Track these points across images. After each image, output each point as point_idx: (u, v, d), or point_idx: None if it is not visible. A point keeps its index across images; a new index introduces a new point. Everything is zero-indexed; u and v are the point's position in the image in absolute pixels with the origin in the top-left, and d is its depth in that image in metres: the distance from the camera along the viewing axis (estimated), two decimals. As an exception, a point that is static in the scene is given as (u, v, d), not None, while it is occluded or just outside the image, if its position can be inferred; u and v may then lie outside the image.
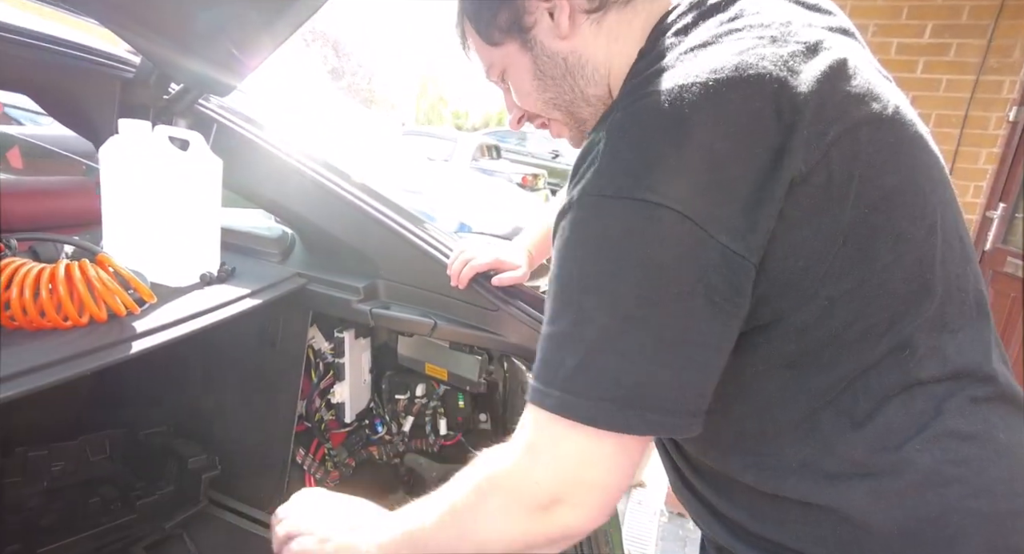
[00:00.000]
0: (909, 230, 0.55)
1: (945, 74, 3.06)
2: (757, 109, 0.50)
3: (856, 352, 0.56)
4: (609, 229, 0.51)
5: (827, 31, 0.60)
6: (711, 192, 0.49)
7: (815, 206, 0.51)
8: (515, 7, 0.65)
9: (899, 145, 0.56)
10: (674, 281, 0.49)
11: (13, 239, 0.88)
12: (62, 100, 1.24)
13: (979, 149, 3.09)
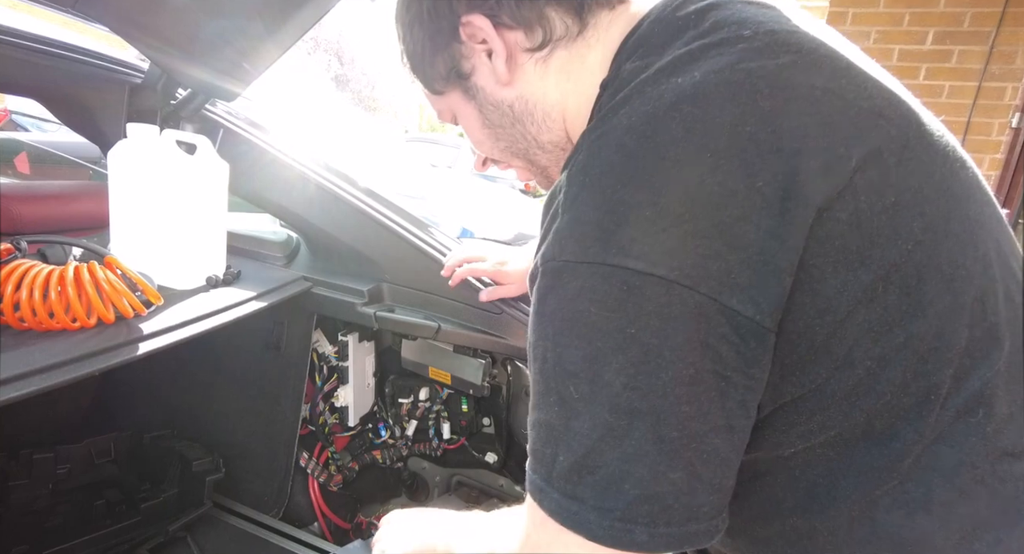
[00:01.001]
0: (962, 264, 0.45)
1: (947, 81, 3.07)
2: (750, 134, 0.40)
3: (916, 420, 0.45)
4: (579, 304, 0.42)
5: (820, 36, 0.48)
6: (703, 244, 0.40)
7: (844, 247, 0.41)
8: (450, 53, 0.59)
9: (932, 165, 0.46)
10: (669, 365, 0.40)
11: (23, 241, 0.89)
12: (71, 105, 1.26)
13: (982, 155, 3.10)
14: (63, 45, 1.14)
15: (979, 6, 2.95)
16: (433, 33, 0.58)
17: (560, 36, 0.55)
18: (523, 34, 0.55)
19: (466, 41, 0.57)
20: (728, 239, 0.39)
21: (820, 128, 0.42)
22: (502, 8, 0.54)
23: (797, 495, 0.49)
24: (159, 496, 1.26)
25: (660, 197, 0.40)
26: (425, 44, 0.60)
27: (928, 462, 0.46)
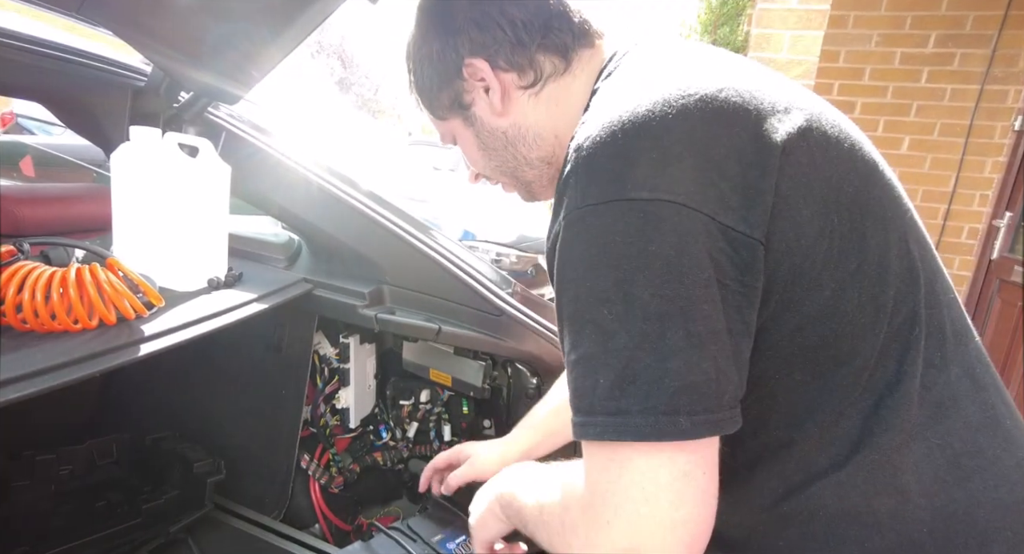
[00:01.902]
0: (889, 207, 0.56)
1: (949, 84, 3.07)
2: (724, 97, 0.51)
3: (871, 338, 0.53)
4: (607, 236, 0.48)
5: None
6: (700, 175, 0.48)
7: (807, 184, 0.51)
8: (454, 88, 0.70)
9: (850, 137, 0.58)
10: (688, 271, 0.47)
11: (26, 243, 0.89)
12: (75, 108, 1.27)
13: (984, 158, 3.09)
14: (67, 49, 1.15)
15: (981, 9, 2.95)
16: (440, 71, 0.69)
17: (549, 74, 0.67)
18: (516, 75, 0.67)
19: (468, 79, 0.68)
20: (720, 171, 0.49)
21: (772, 91, 0.54)
22: (499, 54, 0.66)
23: (780, 413, 0.56)
24: (160, 498, 1.26)
25: (661, 142, 0.49)
26: (433, 79, 0.71)
27: (880, 376, 0.54)
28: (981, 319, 3.07)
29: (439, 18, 0.68)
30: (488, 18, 0.65)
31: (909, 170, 3.21)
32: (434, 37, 0.69)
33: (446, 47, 0.68)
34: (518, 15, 0.65)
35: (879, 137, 3.22)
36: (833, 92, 3.22)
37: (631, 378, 0.47)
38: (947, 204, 3.19)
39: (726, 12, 4.61)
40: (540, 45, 0.66)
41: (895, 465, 0.54)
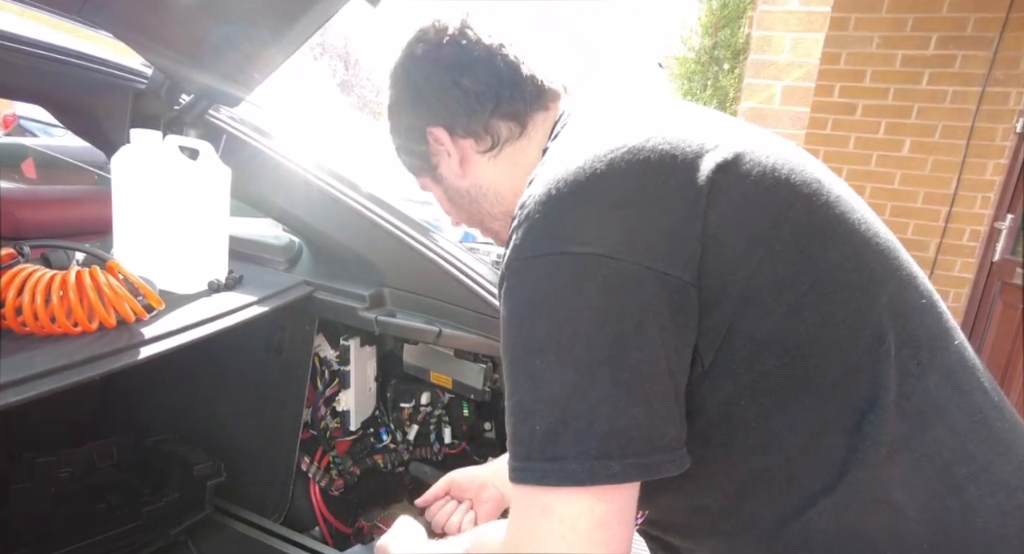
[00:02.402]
0: (839, 223, 0.55)
1: (951, 86, 3.07)
2: (652, 146, 0.53)
3: (833, 355, 0.53)
4: (540, 288, 0.51)
5: None
6: (627, 226, 0.51)
7: (740, 218, 0.52)
8: (421, 150, 0.77)
9: (782, 155, 0.57)
10: (616, 321, 0.49)
11: (26, 246, 0.89)
12: (76, 111, 1.27)
13: (986, 160, 3.09)
14: (68, 51, 1.15)
15: (982, 11, 2.95)
16: (408, 136, 0.77)
17: (506, 138, 0.73)
18: (474, 141, 0.73)
19: (431, 143, 0.75)
20: (646, 220, 0.51)
21: (700, 133, 0.55)
22: (456, 123, 0.72)
23: (757, 440, 0.55)
24: (160, 500, 1.26)
25: (590, 197, 0.52)
26: (404, 141, 0.79)
27: (854, 392, 0.53)
28: (983, 321, 3.06)
29: (405, 89, 0.75)
30: (445, 91, 0.71)
31: (910, 172, 3.21)
32: (401, 105, 0.77)
33: (411, 115, 0.76)
34: (471, 87, 0.70)
35: (880, 139, 3.22)
36: (834, 94, 3.22)
37: (565, 423, 0.49)
38: (948, 206, 3.18)
39: (727, 14, 4.61)
40: (494, 113, 0.71)
41: (884, 481, 0.53)
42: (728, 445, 0.55)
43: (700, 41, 4.85)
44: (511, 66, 0.71)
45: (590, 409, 0.48)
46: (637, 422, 0.49)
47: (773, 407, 0.54)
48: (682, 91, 4.94)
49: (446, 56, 0.71)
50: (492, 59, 0.71)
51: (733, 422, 0.55)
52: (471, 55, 0.71)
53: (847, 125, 3.25)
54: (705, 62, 4.82)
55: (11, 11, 1.12)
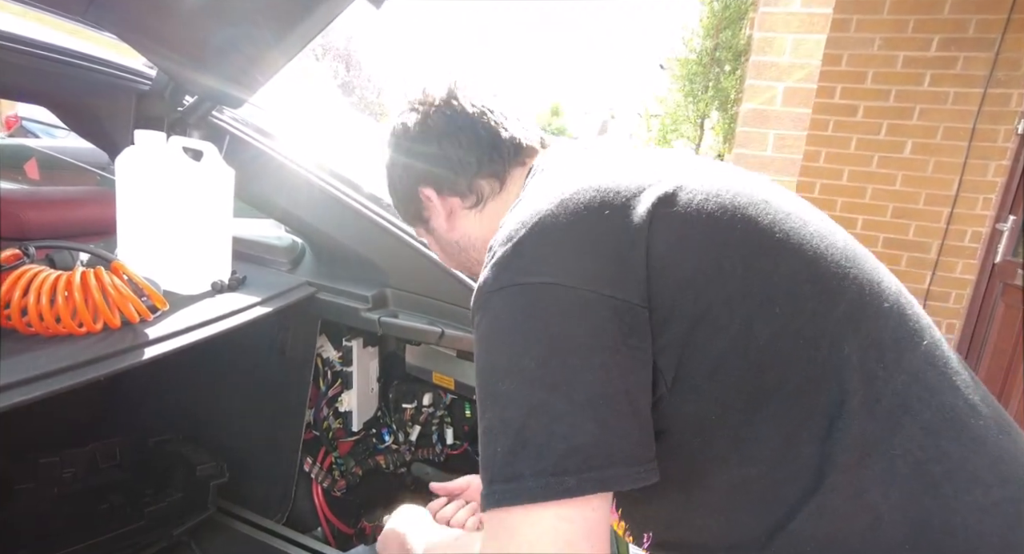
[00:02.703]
0: (791, 235, 0.58)
1: (952, 87, 3.07)
2: (598, 186, 0.59)
3: (795, 364, 0.55)
4: (502, 317, 0.55)
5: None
6: (578, 256, 0.55)
7: (686, 238, 0.56)
8: (415, 206, 0.85)
9: (723, 178, 0.62)
10: (569, 345, 0.52)
11: (31, 247, 0.90)
12: (80, 112, 1.27)
13: (988, 162, 3.09)
14: (72, 53, 1.15)
15: (984, 13, 2.95)
16: (402, 192, 0.86)
17: (488, 194, 0.81)
18: (459, 199, 0.81)
19: (423, 201, 0.83)
20: (595, 250, 0.55)
21: (645, 171, 0.60)
22: (443, 185, 0.81)
23: (733, 451, 0.57)
24: (163, 501, 1.26)
25: (545, 233, 0.57)
26: (399, 197, 0.88)
27: (823, 398, 0.55)
28: (984, 323, 3.06)
29: (398, 152, 0.83)
30: (431, 156, 0.80)
31: (912, 174, 3.21)
32: (395, 165, 0.85)
33: (403, 175, 0.84)
34: (456, 153, 0.79)
35: (882, 140, 3.22)
36: (836, 96, 3.22)
37: (523, 444, 0.51)
38: (950, 208, 3.18)
39: (728, 16, 4.62)
40: (476, 174, 0.79)
41: (861, 484, 0.54)
42: (706, 458, 0.58)
43: (702, 43, 4.85)
44: (491, 131, 0.79)
45: (546, 429, 0.51)
46: (592, 439, 0.51)
47: (742, 419, 0.56)
48: (684, 92, 4.95)
49: (433, 126, 0.80)
50: (475, 127, 0.79)
51: (707, 435, 0.57)
52: (455, 124, 0.79)
53: (849, 126, 3.25)
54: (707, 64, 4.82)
55: (16, 13, 1.12)
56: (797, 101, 2.41)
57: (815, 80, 2.39)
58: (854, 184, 3.28)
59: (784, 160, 2.45)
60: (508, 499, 0.51)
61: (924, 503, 0.53)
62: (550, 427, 0.51)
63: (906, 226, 3.26)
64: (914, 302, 0.63)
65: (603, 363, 0.52)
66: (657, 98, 5.51)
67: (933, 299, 3.27)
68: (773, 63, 2.41)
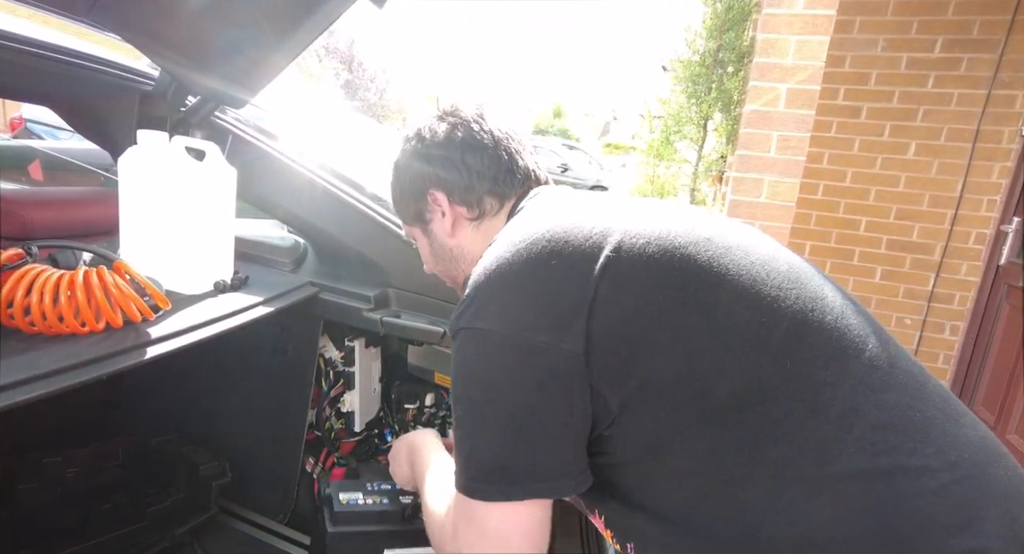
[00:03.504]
0: (728, 270, 0.64)
1: (956, 88, 3.06)
2: (551, 236, 0.66)
3: (743, 381, 0.61)
4: (458, 355, 0.68)
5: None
6: (520, 305, 0.65)
7: (626, 281, 0.63)
8: (419, 205, 0.89)
9: (664, 222, 0.68)
10: (505, 384, 0.64)
11: (34, 246, 0.90)
12: (83, 112, 1.28)
13: (992, 163, 3.08)
14: (76, 54, 1.16)
15: (988, 14, 2.94)
16: (411, 190, 0.89)
17: (488, 211, 0.87)
18: (466, 209, 0.86)
19: (430, 203, 0.88)
20: (537, 300, 0.64)
21: (586, 223, 0.67)
22: (455, 192, 0.86)
23: (701, 463, 0.63)
24: (166, 501, 1.27)
25: (495, 282, 0.67)
26: (405, 193, 0.91)
27: (776, 408, 0.60)
28: (988, 325, 3.05)
29: (417, 152, 0.88)
30: (452, 163, 0.85)
31: (916, 175, 3.20)
32: (410, 165, 0.89)
33: (418, 175, 0.88)
34: (475, 166, 0.85)
35: (885, 142, 3.21)
36: (839, 97, 3.22)
37: (471, 458, 0.67)
38: (954, 209, 3.17)
39: (731, 17, 4.62)
40: (488, 191, 0.85)
41: (820, 484, 0.58)
42: (668, 472, 0.64)
43: (705, 44, 4.85)
44: (511, 156, 0.86)
45: (486, 448, 0.66)
46: (528, 458, 0.65)
47: (696, 435, 0.62)
48: (687, 94, 4.94)
49: (461, 136, 0.85)
50: (498, 147, 0.86)
51: (664, 452, 0.64)
52: (481, 141, 0.85)
53: (852, 128, 3.24)
54: (709, 65, 4.82)
55: (20, 14, 1.13)
56: (800, 102, 2.41)
57: (818, 81, 2.39)
58: (857, 185, 3.28)
59: (787, 161, 2.44)
60: (465, 490, 0.67)
61: (879, 493, 0.57)
62: (489, 449, 0.66)
63: (910, 228, 3.25)
64: (863, 311, 0.68)
65: (537, 400, 0.64)
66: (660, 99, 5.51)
67: (937, 301, 3.26)
68: (776, 64, 2.40)
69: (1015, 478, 0.61)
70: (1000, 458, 0.62)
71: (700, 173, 4.82)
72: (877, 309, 3.32)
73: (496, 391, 0.65)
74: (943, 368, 3.29)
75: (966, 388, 3.14)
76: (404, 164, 0.90)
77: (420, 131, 0.88)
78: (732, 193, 2.53)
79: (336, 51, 17.97)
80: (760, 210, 2.48)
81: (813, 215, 3.34)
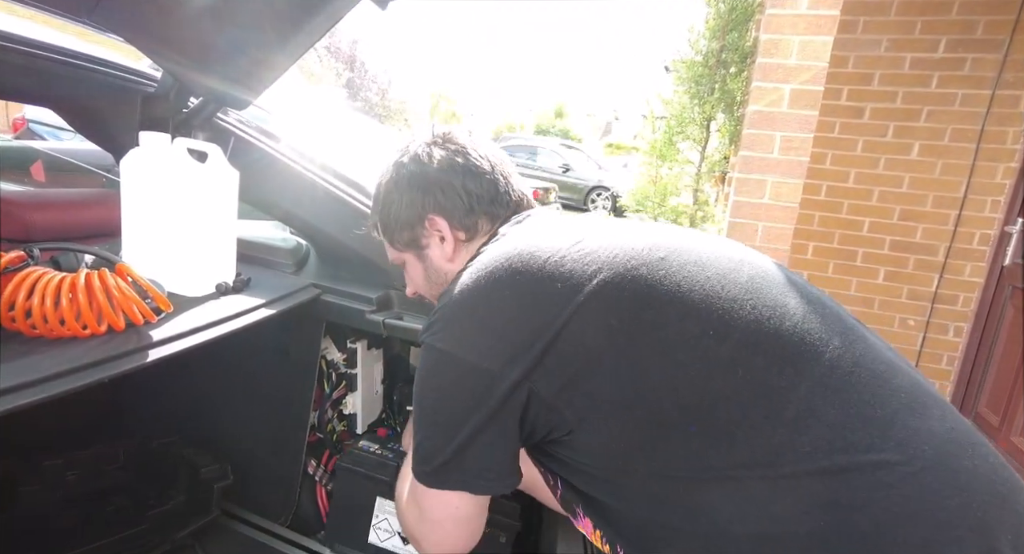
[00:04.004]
0: (681, 286, 0.68)
1: (960, 89, 3.05)
2: (518, 267, 0.71)
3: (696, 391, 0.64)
4: (421, 362, 0.76)
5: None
6: (472, 335, 0.71)
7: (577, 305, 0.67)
8: (415, 231, 0.90)
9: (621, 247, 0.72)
10: (454, 396, 0.73)
11: (36, 249, 0.90)
12: (86, 114, 1.27)
13: (996, 164, 3.07)
14: (78, 55, 1.15)
15: (992, 14, 2.93)
16: (406, 216, 0.89)
17: (480, 232, 0.88)
18: (464, 233, 0.88)
19: (428, 228, 0.89)
20: (488, 332, 0.71)
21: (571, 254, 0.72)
22: (454, 216, 0.87)
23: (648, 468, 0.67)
24: (167, 503, 1.26)
25: (458, 310, 0.74)
26: (399, 220, 0.91)
27: (736, 415, 0.63)
28: (993, 326, 3.04)
29: (415, 177, 0.88)
30: (451, 188, 0.87)
31: (919, 176, 3.19)
32: (407, 190, 0.89)
33: (415, 201, 0.88)
34: (474, 189, 0.87)
35: (889, 142, 3.20)
36: (842, 98, 3.20)
37: (418, 451, 0.76)
38: (958, 210, 3.16)
39: (735, 18, 4.60)
40: (484, 213, 0.88)
41: (777, 484, 0.61)
42: (630, 478, 0.68)
43: (707, 44, 4.84)
44: (506, 180, 0.90)
45: (429, 446, 0.75)
46: (461, 460, 0.72)
47: (654, 443, 0.66)
48: (689, 94, 4.93)
49: (461, 162, 0.87)
50: (494, 172, 0.89)
51: (625, 460, 0.68)
52: (480, 166, 0.88)
53: (855, 128, 3.23)
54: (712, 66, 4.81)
55: (21, 15, 1.12)
56: (804, 103, 2.40)
57: (822, 82, 2.38)
58: (861, 186, 3.26)
59: (790, 162, 2.43)
60: (414, 473, 0.77)
61: (836, 489, 0.59)
62: (432, 448, 0.74)
63: (913, 228, 3.24)
64: (828, 313, 0.70)
65: (475, 414, 0.70)
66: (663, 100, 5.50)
67: (941, 302, 3.25)
68: (779, 65, 2.40)
69: (983, 468, 0.62)
70: (970, 448, 0.63)
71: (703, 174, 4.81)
72: (880, 310, 3.31)
73: (442, 402, 0.74)
74: (947, 369, 3.27)
75: (970, 389, 3.12)
76: (399, 190, 0.90)
77: (417, 155, 0.89)
78: (735, 194, 2.52)
79: (338, 51, 17.99)
80: (763, 211, 2.47)
81: (816, 216, 3.33)
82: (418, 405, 0.77)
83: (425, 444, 0.75)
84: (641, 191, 5.08)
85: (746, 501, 0.62)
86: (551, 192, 9.67)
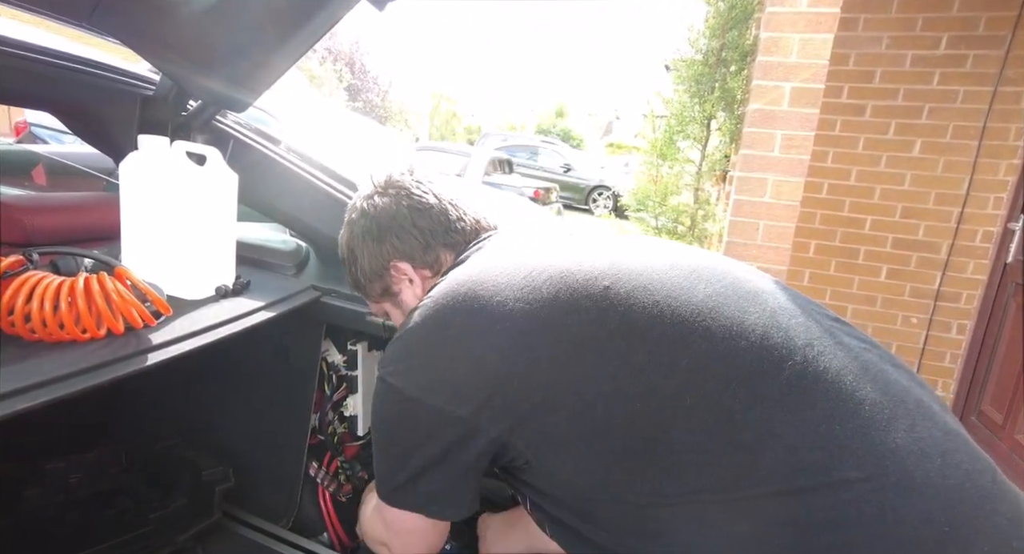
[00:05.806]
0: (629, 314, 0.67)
1: (962, 86, 3.04)
2: (466, 306, 0.73)
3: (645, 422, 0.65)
4: (375, 393, 0.78)
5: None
6: (423, 375, 0.73)
7: (520, 343, 0.69)
8: (384, 281, 0.93)
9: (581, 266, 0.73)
10: (403, 430, 0.76)
11: (35, 253, 0.90)
12: (84, 117, 1.27)
13: (998, 161, 3.05)
14: (77, 59, 1.15)
15: (994, 10, 2.92)
16: (371, 269, 0.92)
17: (444, 264, 0.90)
18: (427, 270, 0.90)
19: (394, 275, 0.91)
20: (433, 370, 0.73)
21: (492, 278, 0.75)
22: (415, 257, 0.89)
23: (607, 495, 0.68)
24: (169, 506, 1.26)
25: (405, 348, 0.76)
26: (366, 275, 0.94)
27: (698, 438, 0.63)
28: (996, 323, 3.02)
29: (367, 230, 0.90)
30: (403, 230, 0.89)
31: (921, 173, 3.18)
32: (364, 244, 0.91)
33: (374, 253, 0.91)
34: (426, 226, 0.89)
35: (890, 140, 3.19)
36: (843, 95, 3.20)
37: (377, 469, 0.81)
38: (960, 207, 3.15)
39: (734, 16, 4.59)
40: (442, 244, 0.89)
41: (740, 506, 0.61)
42: (594, 503, 0.70)
43: (707, 43, 4.83)
44: (456, 208, 0.91)
45: (383, 473, 0.79)
46: (403, 482, 0.76)
47: (608, 472, 0.67)
48: (690, 93, 4.92)
49: (406, 204, 0.89)
50: (441, 203, 0.90)
51: (587, 485, 0.69)
52: (426, 202, 0.90)
53: (856, 126, 3.22)
54: (713, 64, 4.80)
55: (21, 19, 1.13)
56: (804, 101, 2.39)
57: (822, 80, 2.37)
58: (862, 184, 3.25)
59: (791, 161, 2.43)
60: (384, 499, 0.80)
61: (796, 510, 0.59)
62: (385, 475, 0.79)
63: (915, 226, 3.23)
64: (794, 324, 0.68)
65: (421, 448, 0.73)
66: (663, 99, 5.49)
67: (943, 299, 3.24)
68: (780, 63, 2.39)
69: (955, 477, 0.60)
70: (940, 458, 0.61)
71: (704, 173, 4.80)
72: (883, 308, 3.30)
73: (392, 435, 0.77)
74: (950, 367, 3.26)
75: (973, 387, 3.11)
76: (358, 246, 0.92)
77: (364, 209, 0.91)
78: (736, 193, 2.51)
79: (338, 53, 18.00)
80: (764, 209, 2.47)
81: (818, 214, 3.32)
82: (374, 430, 0.80)
83: (382, 467, 0.79)
84: (642, 190, 5.07)
85: (708, 524, 0.62)
86: (552, 192, 9.65)
